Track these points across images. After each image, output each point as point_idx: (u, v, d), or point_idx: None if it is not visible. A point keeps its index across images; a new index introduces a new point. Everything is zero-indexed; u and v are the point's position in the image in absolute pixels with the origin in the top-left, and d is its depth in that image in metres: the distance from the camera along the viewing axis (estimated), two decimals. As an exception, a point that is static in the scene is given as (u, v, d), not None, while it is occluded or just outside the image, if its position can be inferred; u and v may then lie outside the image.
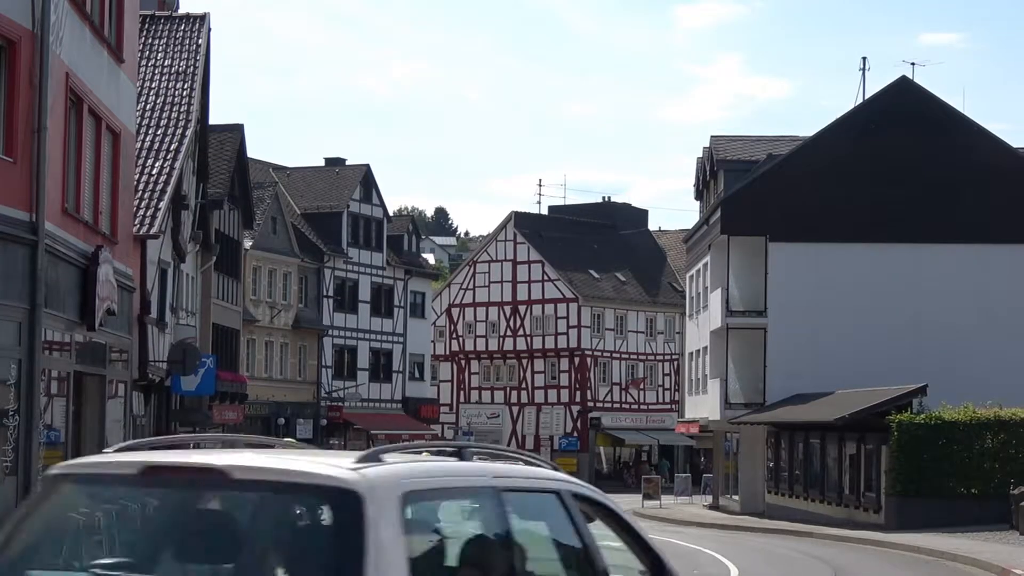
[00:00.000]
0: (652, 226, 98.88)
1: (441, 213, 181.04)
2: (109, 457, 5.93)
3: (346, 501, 5.16)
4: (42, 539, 5.84)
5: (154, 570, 5.51)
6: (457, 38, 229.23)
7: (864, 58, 77.72)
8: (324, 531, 5.31)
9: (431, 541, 5.72)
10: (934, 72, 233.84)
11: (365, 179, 76.15)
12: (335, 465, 5.36)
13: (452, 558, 5.71)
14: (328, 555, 5.16)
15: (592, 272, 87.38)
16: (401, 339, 78.12)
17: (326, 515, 5.35)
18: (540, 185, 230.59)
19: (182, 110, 35.09)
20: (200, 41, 37.46)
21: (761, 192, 51.46)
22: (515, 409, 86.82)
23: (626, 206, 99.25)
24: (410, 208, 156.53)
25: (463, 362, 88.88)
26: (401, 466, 5.54)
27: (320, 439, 70.73)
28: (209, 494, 5.61)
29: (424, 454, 6.06)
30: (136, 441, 6.37)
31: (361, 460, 5.42)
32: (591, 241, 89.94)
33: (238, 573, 5.38)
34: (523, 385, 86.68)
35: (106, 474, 5.82)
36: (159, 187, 32.27)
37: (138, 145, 31.85)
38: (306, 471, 5.35)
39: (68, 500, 5.92)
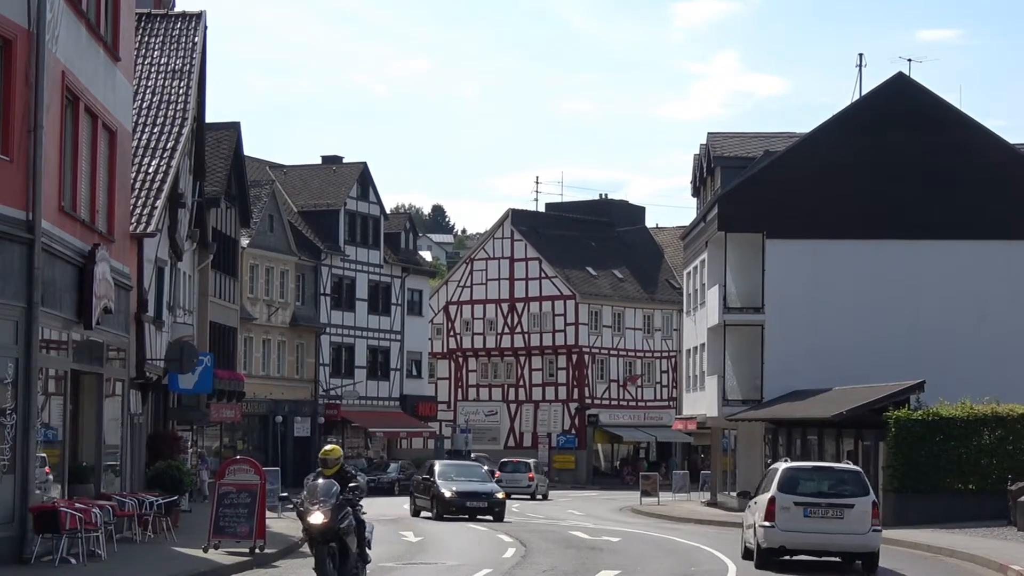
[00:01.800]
0: (649, 223, 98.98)
1: (438, 210, 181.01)
2: (800, 464, 28.80)
3: (861, 475, 26.09)
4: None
5: (811, 492, 25.38)
6: (455, 36, 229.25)
7: (861, 55, 77.94)
8: (860, 479, 25.68)
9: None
10: (931, 68, 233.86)
11: (362, 177, 76.13)
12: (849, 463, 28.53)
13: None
14: (865, 485, 25.59)
15: (589, 269, 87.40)
16: (399, 337, 78.11)
17: (860, 478, 25.88)
18: (537, 182, 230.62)
19: (178, 108, 35.06)
20: (196, 39, 37.42)
21: (758, 189, 51.43)
22: (513, 406, 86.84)
23: (623, 203, 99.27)
24: (407, 206, 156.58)
25: (461, 359, 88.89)
26: None
27: (317, 437, 70.68)
28: (835, 473, 26.35)
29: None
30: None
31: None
32: (588, 238, 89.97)
33: (840, 493, 25.15)
34: (521, 382, 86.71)
35: (803, 468, 27.33)
36: (156, 185, 32.25)
37: (134, 143, 31.84)
38: (849, 467, 26.88)
39: (790, 475, 25.70)
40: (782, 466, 26.43)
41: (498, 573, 22.96)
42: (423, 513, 42.59)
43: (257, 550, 24.57)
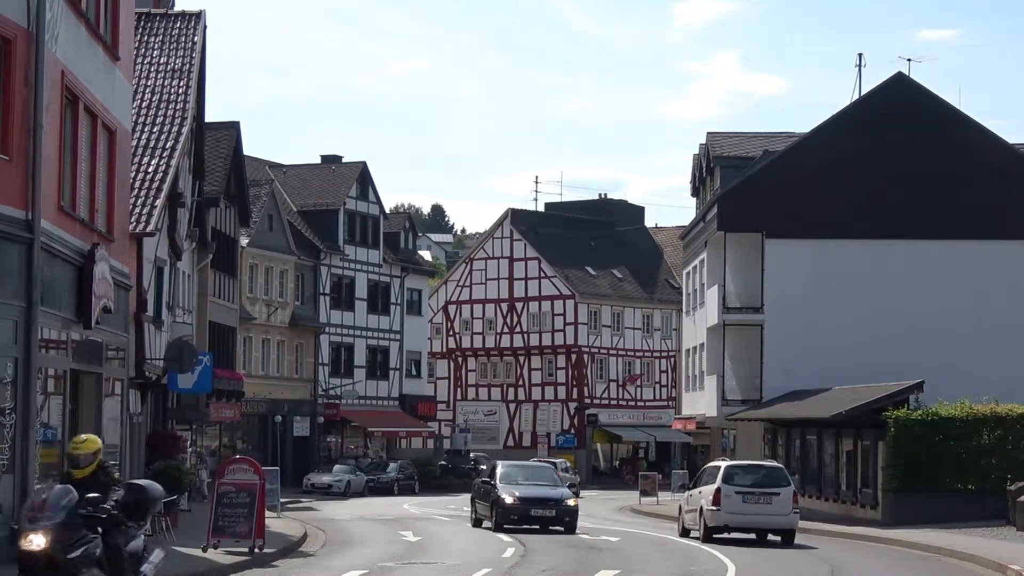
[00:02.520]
0: (649, 223, 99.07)
1: (438, 210, 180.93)
2: (737, 462, 36.24)
3: (783, 471, 34.46)
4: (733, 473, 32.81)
5: (747, 484, 32.18)
6: (454, 35, 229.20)
7: (860, 54, 77.95)
8: (783, 473, 33.79)
9: None
10: (930, 68, 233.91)
11: (361, 176, 76.13)
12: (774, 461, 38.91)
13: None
14: (787, 478, 33.39)
15: (589, 269, 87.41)
16: (398, 336, 78.11)
17: (783, 472, 34.12)
18: (537, 182, 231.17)
19: (178, 107, 35.04)
20: (196, 38, 37.40)
21: (758, 189, 51.46)
22: (512, 406, 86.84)
23: (623, 203, 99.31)
24: (407, 205, 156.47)
25: (460, 359, 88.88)
26: None
27: (317, 437, 70.72)
28: (764, 469, 33.95)
29: None
30: None
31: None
32: (588, 238, 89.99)
33: (768, 484, 32.25)
34: (520, 382, 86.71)
35: (740, 465, 34.67)
36: (155, 185, 32.23)
37: (134, 143, 31.82)
38: (774, 464, 36.37)
39: (731, 471, 32.81)
40: (723, 464, 34.15)
41: (497, 573, 22.94)
42: (485, 524, 35.83)
43: (256, 550, 24.55)
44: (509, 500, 34.59)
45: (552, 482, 36.67)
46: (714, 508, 32.02)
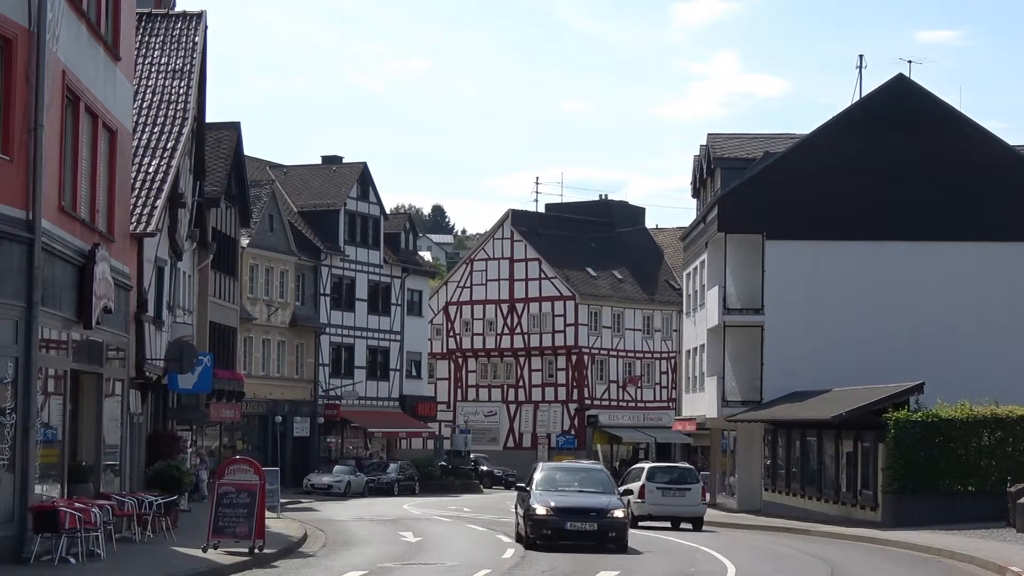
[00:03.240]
0: (649, 224, 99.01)
1: (438, 211, 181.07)
2: (658, 464, 46.03)
3: (694, 471, 43.97)
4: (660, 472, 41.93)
5: (665, 481, 40.95)
6: (454, 36, 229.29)
7: (861, 56, 77.41)
8: (694, 473, 42.92)
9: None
10: (931, 70, 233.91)
11: (362, 177, 76.11)
12: (685, 463, 50.40)
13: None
14: (697, 476, 42.56)
15: (589, 270, 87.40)
16: (398, 337, 78.09)
17: (694, 472, 43.21)
18: (537, 183, 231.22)
19: (179, 108, 35.07)
20: (197, 39, 37.43)
21: (758, 190, 51.46)
22: (512, 407, 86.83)
23: (623, 204, 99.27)
24: (407, 206, 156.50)
25: (460, 360, 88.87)
26: None
27: (317, 437, 70.73)
28: (678, 469, 43.41)
29: None
30: None
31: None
32: (588, 239, 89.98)
33: (682, 481, 41.08)
34: (520, 383, 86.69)
35: (660, 466, 43.91)
36: (156, 185, 32.25)
37: (135, 143, 31.84)
38: (686, 465, 47.41)
39: (652, 471, 41.57)
40: (647, 465, 42.87)
41: (497, 573, 22.94)
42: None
43: (256, 550, 24.55)
44: (541, 511, 28.53)
45: (602, 488, 30.33)
46: (640, 501, 39.96)
